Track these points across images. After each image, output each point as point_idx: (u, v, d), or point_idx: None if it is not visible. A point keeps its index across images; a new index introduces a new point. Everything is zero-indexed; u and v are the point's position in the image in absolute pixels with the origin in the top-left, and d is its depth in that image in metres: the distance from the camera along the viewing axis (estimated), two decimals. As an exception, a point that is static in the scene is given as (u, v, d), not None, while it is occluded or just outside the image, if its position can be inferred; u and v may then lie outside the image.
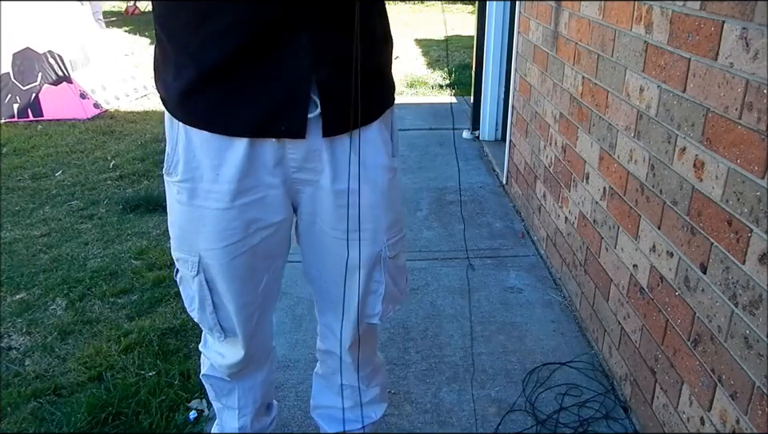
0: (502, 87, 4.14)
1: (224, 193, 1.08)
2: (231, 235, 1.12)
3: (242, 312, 1.22)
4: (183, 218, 1.14)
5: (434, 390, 1.93)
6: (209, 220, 1.11)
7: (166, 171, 1.13)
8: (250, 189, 1.09)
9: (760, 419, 1.20)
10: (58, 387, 1.96)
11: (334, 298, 1.29)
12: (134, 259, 2.80)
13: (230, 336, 1.26)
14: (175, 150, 1.10)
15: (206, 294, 1.19)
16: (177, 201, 1.13)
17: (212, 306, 1.21)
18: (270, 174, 1.10)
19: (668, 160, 1.58)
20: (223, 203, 1.09)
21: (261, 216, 1.13)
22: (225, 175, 1.07)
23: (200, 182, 1.09)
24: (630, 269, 1.82)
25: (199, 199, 1.10)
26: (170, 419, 1.81)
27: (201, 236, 1.13)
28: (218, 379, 1.41)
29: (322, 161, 1.10)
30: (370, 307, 1.27)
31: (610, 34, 1.95)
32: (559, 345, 2.15)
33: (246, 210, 1.11)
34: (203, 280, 1.17)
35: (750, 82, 1.22)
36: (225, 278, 1.16)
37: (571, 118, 2.36)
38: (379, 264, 1.22)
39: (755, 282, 1.21)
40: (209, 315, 1.23)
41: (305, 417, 1.81)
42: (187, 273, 1.19)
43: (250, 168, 1.07)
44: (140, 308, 2.39)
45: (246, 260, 1.16)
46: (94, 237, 3.03)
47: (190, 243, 1.15)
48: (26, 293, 2.52)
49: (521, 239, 2.94)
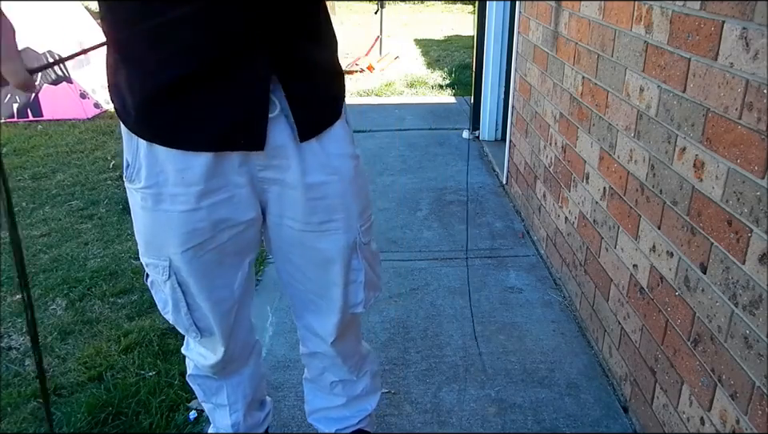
0: (501, 87, 4.14)
1: (190, 195, 1.08)
2: (199, 234, 1.11)
3: (217, 309, 1.22)
4: (149, 223, 1.13)
5: (434, 390, 1.93)
6: (176, 223, 1.10)
7: (128, 179, 1.11)
8: (216, 189, 1.09)
9: (760, 419, 1.20)
10: (57, 387, 1.96)
11: (311, 296, 1.29)
12: (134, 259, 2.80)
13: (206, 335, 1.27)
14: (136, 158, 1.08)
15: (179, 296, 1.19)
16: (141, 207, 1.12)
17: (186, 307, 1.21)
18: (236, 173, 1.09)
19: (668, 160, 1.58)
20: (190, 205, 1.09)
21: (229, 216, 1.12)
22: (190, 178, 1.06)
23: (165, 187, 1.08)
24: (630, 269, 1.82)
25: (165, 204, 1.09)
26: (169, 419, 1.81)
27: (169, 240, 1.12)
28: (204, 377, 1.42)
29: (288, 157, 1.10)
30: (352, 296, 1.28)
31: (610, 34, 1.95)
32: (559, 345, 2.15)
33: (214, 211, 1.10)
34: (175, 283, 1.17)
35: (750, 82, 1.22)
36: (196, 278, 1.16)
37: (571, 118, 2.36)
38: (356, 251, 1.23)
39: (755, 282, 1.21)
40: (183, 317, 1.23)
41: (304, 417, 1.81)
42: (158, 277, 1.18)
43: (215, 169, 1.07)
44: (140, 308, 2.39)
45: (214, 257, 1.15)
46: (94, 237, 3.03)
47: (159, 247, 1.14)
48: (26, 293, 2.52)
49: (521, 239, 2.94)
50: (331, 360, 1.40)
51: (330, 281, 1.25)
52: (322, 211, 1.16)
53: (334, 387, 1.47)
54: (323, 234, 1.19)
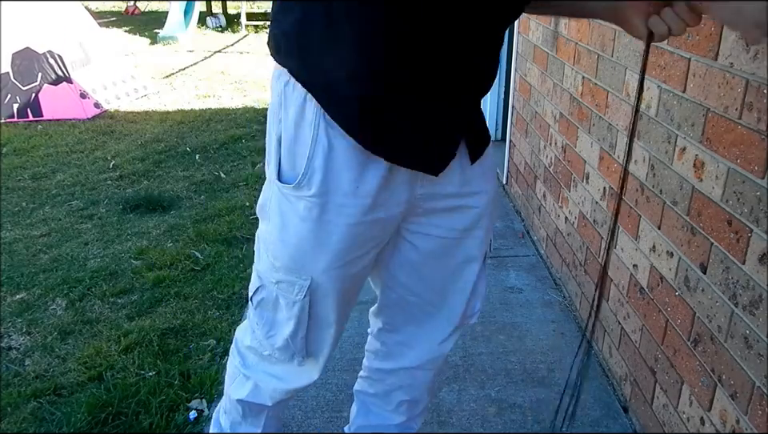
0: (501, 87, 4.14)
1: (359, 207, 1.01)
2: (351, 251, 1.05)
3: (339, 329, 1.16)
4: (305, 236, 1.03)
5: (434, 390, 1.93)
6: (336, 237, 1.02)
7: (296, 184, 0.99)
8: (382, 205, 1.04)
9: (760, 419, 1.20)
10: (57, 387, 1.96)
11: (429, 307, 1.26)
12: (134, 259, 2.80)
13: (310, 358, 1.18)
14: (312, 160, 0.97)
15: (304, 318, 1.10)
16: (301, 218, 1.02)
17: (305, 329, 1.12)
18: (400, 191, 1.05)
19: (668, 160, 1.58)
20: (355, 218, 1.02)
21: (379, 234, 1.09)
22: (365, 189, 1.00)
23: (335, 196, 1.00)
24: (630, 269, 1.82)
25: (330, 214, 1.01)
26: (169, 419, 1.81)
27: (321, 255, 1.04)
28: (258, 404, 1.28)
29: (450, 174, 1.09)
30: (471, 305, 1.27)
31: (610, 33, 1.95)
32: (559, 345, 2.15)
33: (372, 227, 1.05)
34: (306, 304, 1.08)
35: (750, 82, 1.22)
36: (336, 297, 1.09)
37: (571, 118, 2.36)
38: (484, 262, 1.25)
39: (755, 282, 1.21)
40: (299, 340, 1.13)
41: (305, 417, 1.81)
42: (289, 297, 1.09)
43: (387, 183, 1.02)
44: (140, 308, 2.39)
45: (354, 280, 1.11)
46: (94, 237, 3.03)
47: (305, 264, 1.05)
48: (26, 293, 2.52)
49: (521, 239, 2.94)
50: (419, 377, 1.36)
51: (456, 288, 1.23)
52: (469, 219, 1.16)
53: (400, 405, 1.40)
54: (463, 241, 1.18)
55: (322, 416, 1.82)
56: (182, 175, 3.90)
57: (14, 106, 5.00)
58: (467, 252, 1.20)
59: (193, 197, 3.55)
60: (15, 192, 3.63)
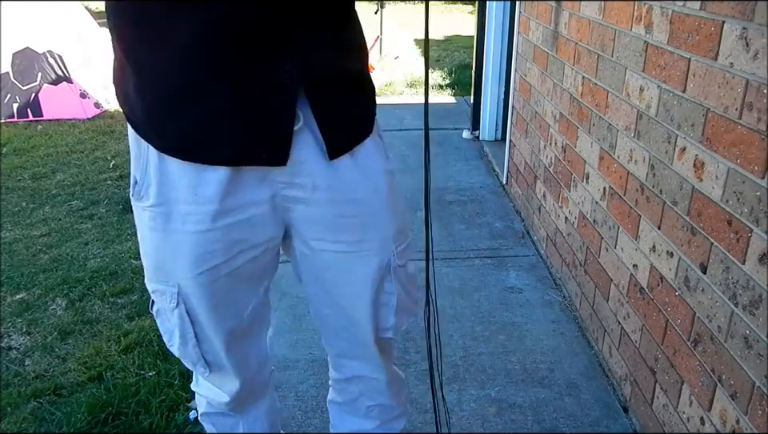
0: (501, 87, 4.14)
1: (204, 214, 0.98)
2: (212, 257, 1.02)
3: (228, 341, 1.13)
4: (158, 245, 1.03)
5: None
6: (187, 245, 1.00)
7: (136, 196, 1.02)
8: (233, 209, 0.99)
9: (760, 420, 1.20)
10: (57, 387, 1.96)
11: (342, 321, 1.21)
12: (134, 259, 2.80)
13: (215, 370, 1.17)
14: (146, 173, 0.98)
15: (187, 327, 1.09)
16: (150, 228, 1.02)
17: (194, 339, 1.11)
18: (254, 191, 1.00)
19: (668, 160, 1.58)
20: (203, 225, 0.99)
21: (245, 237, 1.03)
22: (204, 195, 0.97)
23: (176, 205, 0.98)
24: (630, 269, 1.82)
25: (176, 223, 0.99)
26: (169, 419, 1.81)
27: (179, 264, 1.02)
28: (218, 415, 1.30)
29: (314, 174, 1.01)
30: (382, 320, 1.19)
31: (610, 34, 1.95)
32: (559, 345, 2.15)
33: (229, 232, 1.01)
34: (183, 312, 1.07)
35: (750, 82, 1.22)
36: (207, 305, 1.07)
37: (571, 118, 2.36)
38: (389, 274, 1.14)
39: (755, 282, 1.21)
40: (191, 349, 1.13)
41: (305, 417, 1.81)
42: (165, 305, 1.08)
43: (232, 187, 0.97)
44: (140, 308, 2.39)
45: (228, 284, 1.06)
46: (94, 237, 3.03)
47: (167, 272, 1.04)
48: (26, 293, 2.52)
49: (521, 239, 2.94)
50: (374, 384, 1.31)
51: (360, 304, 1.16)
52: (354, 231, 1.08)
53: (370, 410, 1.37)
54: (356, 254, 1.10)
55: (321, 416, 1.82)
56: (181, 175, 3.90)
57: (14, 105, 5.00)
58: (363, 270, 1.11)
59: (193, 197, 3.55)
60: (15, 192, 3.63)
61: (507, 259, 2.75)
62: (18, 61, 4.95)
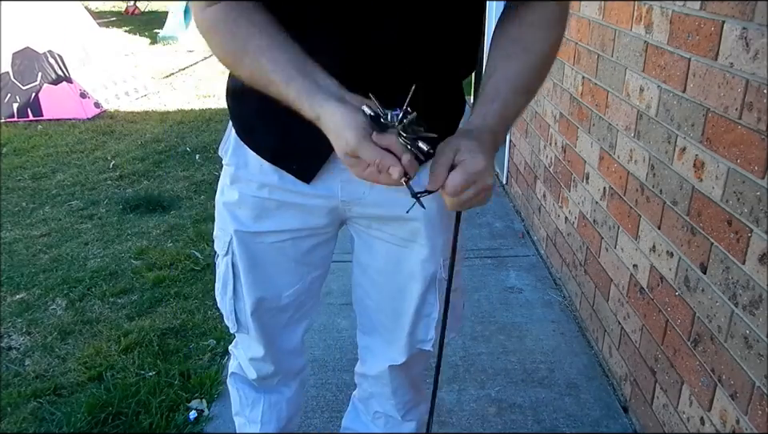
0: (501, 87, 4.13)
1: (264, 184, 1.06)
2: (262, 222, 1.09)
3: (254, 307, 1.17)
4: (225, 197, 1.12)
5: (434, 390, 1.93)
6: (245, 204, 1.09)
7: (221, 151, 1.14)
8: (291, 190, 1.06)
9: (760, 419, 1.20)
10: (57, 387, 1.96)
11: (382, 318, 1.22)
12: (134, 259, 2.80)
13: (242, 331, 1.23)
14: (228, 135, 1.10)
15: (229, 277, 1.17)
16: (223, 180, 1.13)
17: (232, 291, 1.18)
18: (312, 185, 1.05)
19: (668, 160, 1.58)
20: (261, 193, 1.07)
21: (296, 218, 1.09)
22: (268, 170, 1.05)
23: (243, 169, 1.08)
24: (630, 269, 1.82)
25: (240, 184, 1.09)
26: (170, 419, 1.81)
27: (235, 217, 1.11)
28: (245, 382, 1.36)
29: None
30: (422, 331, 1.19)
31: (610, 34, 1.95)
32: (559, 345, 2.15)
33: (283, 208, 1.08)
34: (230, 262, 1.15)
35: (750, 82, 1.22)
36: (246, 263, 1.13)
37: (571, 118, 2.36)
38: (434, 285, 1.13)
39: (755, 282, 1.21)
40: (227, 301, 1.20)
41: (305, 417, 1.81)
42: (220, 251, 1.17)
43: None
44: (140, 308, 2.39)
45: (270, 252, 1.13)
46: (94, 237, 3.03)
47: (226, 222, 1.13)
48: (26, 293, 2.52)
49: (521, 239, 2.94)
50: (380, 388, 1.32)
51: (402, 308, 1.17)
52: (408, 231, 1.09)
53: (377, 417, 1.38)
54: (408, 251, 1.11)
55: (321, 416, 1.82)
56: (181, 175, 3.90)
57: (14, 105, 5.01)
58: (411, 267, 1.12)
59: (193, 197, 3.55)
60: (15, 192, 3.63)
61: (507, 259, 2.75)
62: (18, 61, 4.95)
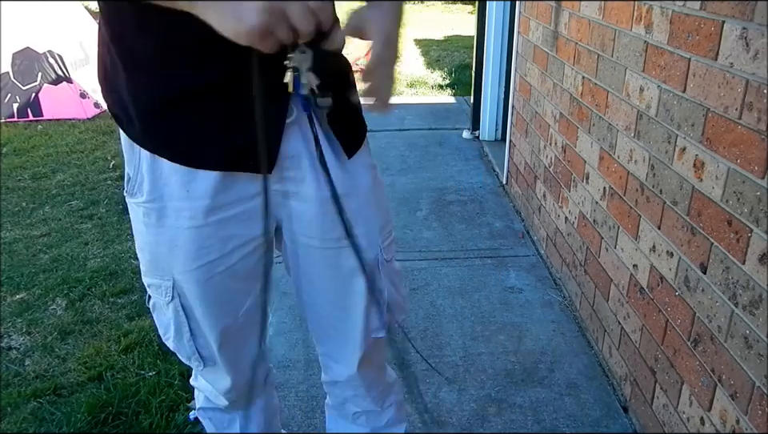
0: (501, 87, 4.14)
1: (196, 210, 0.99)
2: (206, 253, 1.02)
3: (221, 338, 1.13)
4: (153, 241, 1.04)
5: (434, 390, 1.93)
6: (181, 240, 1.01)
7: (129, 193, 1.03)
8: (225, 204, 1.00)
9: (760, 419, 1.20)
10: (57, 387, 1.96)
11: (332, 320, 1.19)
12: (134, 259, 2.79)
13: (209, 365, 1.18)
14: (138, 170, 0.99)
15: (182, 320, 1.10)
16: (144, 223, 1.04)
17: (189, 333, 1.12)
18: (247, 186, 1.00)
19: (668, 160, 1.58)
20: (196, 221, 0.99)
21: (239, 232, 1.03)
22: (196, 192, 0.98)
23: (169, 201, 0.99)
24: (630, 269, 1.82)
25: (169, 219, 1.00)
26: (170, 419, 1.81)
27: (174, 258, 1.03)
28: (215, 410, 1.32)
29: (302, 168, 1.01)
30: (374, 320, 1.17)
31: (610, 34, 1.95)
32: (559, 345, 2.15)
33: (223, 227, 1.01)
34: (178, 306, 1.08)
35: (750, 82, 1.22)
36: (202, 302, 1.07)
37: (571, 118, 2.36)
38: (377, 270, 1.13)
39: (755, 282, 1.21)
40: (186, 343, 1.14)
41: (305, 417, 1.81)
42: (161, 299, 1.10)
43: (225, 183, 0.98)
44: (140, 308, 2.39)
45: (223, 281, 1.06)
46: (94, 237, 3.03)
47: (162, 266, 1.05)
48: (26, 293, 2.53)
49: (521, 239, 2.94)
50: (353, 390, 1.30)
51: (350, 303, 1.15)
52: (341, 226, 1.04)
53: (357, 417, 1.37)
54: (343, 250, 1.08)
55: (321, 416, 1.82)
56: (181, 175, 3.90)
57: (14, 105, 5.00)
58: (351, 263, 1.09)
59: (193, 197, 3.55)
60: (15, 192, 3.63)
61: (507, 259, 2.75)
62: (18, 61, 4.95)
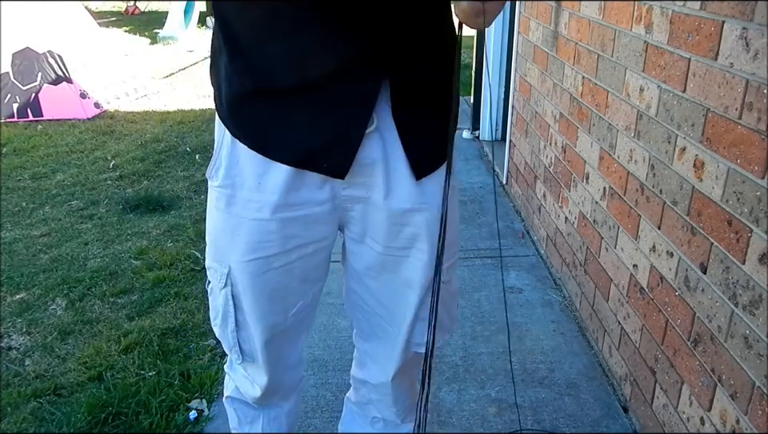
0: (501, 87, 4.14)
1: (265, 204, 1.01)
2: (265, 247, 1.04)
3: (266, 335, 1.13)
4: (218, 225, 1.07)
5: (434, 390, 1.93)
6: (244, 230, 1.03)
7: (209, 174, 1.07)
8: (294, 204, 1.01)
9: (760, 420, 1.20)
10: (57, 387, 1.96)
11: (381, 322, 1.20)
12: (134, 259, 2.80)
13: (248, 361, 1.18)
14: (219, 154, 1.03)
15: (229, 309, 1.12)
16: (215, 207, 1.06)
17: (234, 323, 1.13)
18: (317, 190, 1.02)
19: (668, 160, 1.58)
20: (262, 214, 1.01)
21: (301, 233, 1.05)
22: (267, 186, 1.00)
23: (240, 190, 1.02)
24: (629, 269, 1.82)
25: (237, 207, 1.03)
26: (170, 419, 1.81)
27: (233, 247, 1.05)
28: (243, 403, 1.32)
29: (375, 175, 1.02)
30: (418, 334, 1.17)
31: (610, 34, 1.95)
32: (559, 345, 2.15)
33: (287, 225, 1.03)
34: (229, 294, 1.10)
35: (750, 82, 1.22)
36: (253, 294, 1.08)
37: (571, 118, 2.36)
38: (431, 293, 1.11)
39: (755, 282, 1.21)
40: (229, 334, 1.15)
41: (305, 417, 1.81)
42: (216, 284, 1.12)
43: (296, 182, 1.00)
44: (140, 308, 2.39)
45: (278, 277, 1.08)
46: (94, 237, 3.03)
47: (222, 252, 1.08)
48: (26, 293, 2.52)
49: (521, 239, 2.94)
50: (380, 397, 1.30)
51: (401, 311, 1.16)
52: (406, 238, 1.07)
53: (375, 422, 1.37)
54: (405, 259, 1.10)
55: (321, 416, 1.82)
56: (181, 175, 3.90)
57: (14, 105, 5.01)
58: (408, 274, 1.11)
59: (193, 197, 3.55)
60: (15, 192, 3.63)
61: (507, 259, 2.75)
62: (18, 61, 4.95)
